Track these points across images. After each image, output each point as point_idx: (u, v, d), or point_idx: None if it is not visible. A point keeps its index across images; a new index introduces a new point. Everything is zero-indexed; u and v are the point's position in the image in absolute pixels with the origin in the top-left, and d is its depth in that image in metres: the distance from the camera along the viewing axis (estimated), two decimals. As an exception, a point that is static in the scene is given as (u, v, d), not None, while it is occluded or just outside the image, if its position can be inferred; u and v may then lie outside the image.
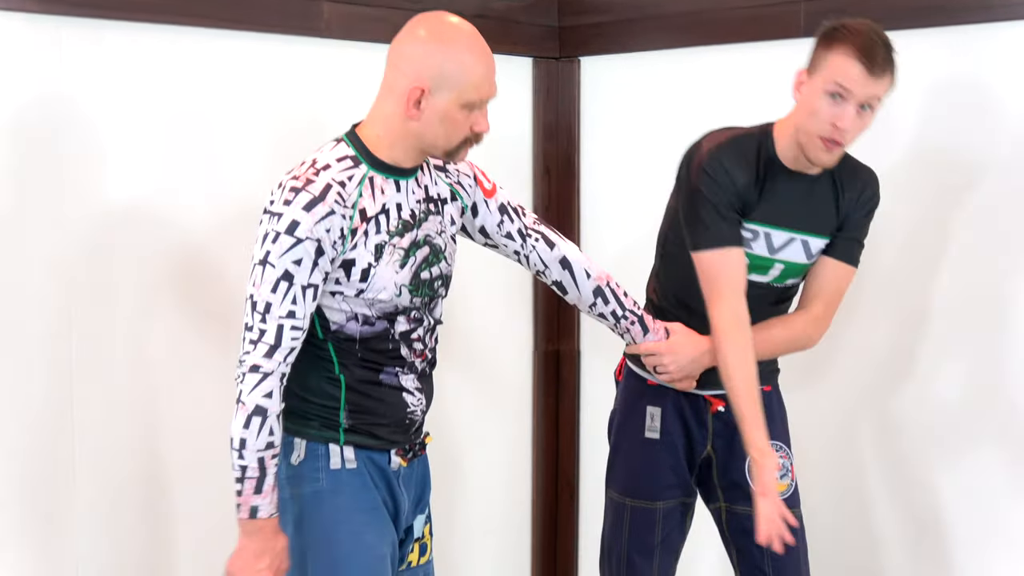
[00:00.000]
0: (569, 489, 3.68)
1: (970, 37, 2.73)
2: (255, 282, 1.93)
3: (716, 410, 2.49)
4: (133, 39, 2.64)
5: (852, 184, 2.38)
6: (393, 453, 2.12)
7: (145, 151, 2.68)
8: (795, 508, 2.47)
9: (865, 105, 2.18)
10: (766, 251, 2.38)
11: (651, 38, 3.34)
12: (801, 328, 2.42)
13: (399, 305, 2.05)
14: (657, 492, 2.53)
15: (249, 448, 1.94)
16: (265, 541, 1.98)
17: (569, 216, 3.59)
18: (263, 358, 1.92)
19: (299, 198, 1.91)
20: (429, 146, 2.01)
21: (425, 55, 1.94)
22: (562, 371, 3.66)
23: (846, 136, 2.20)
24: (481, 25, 3.15)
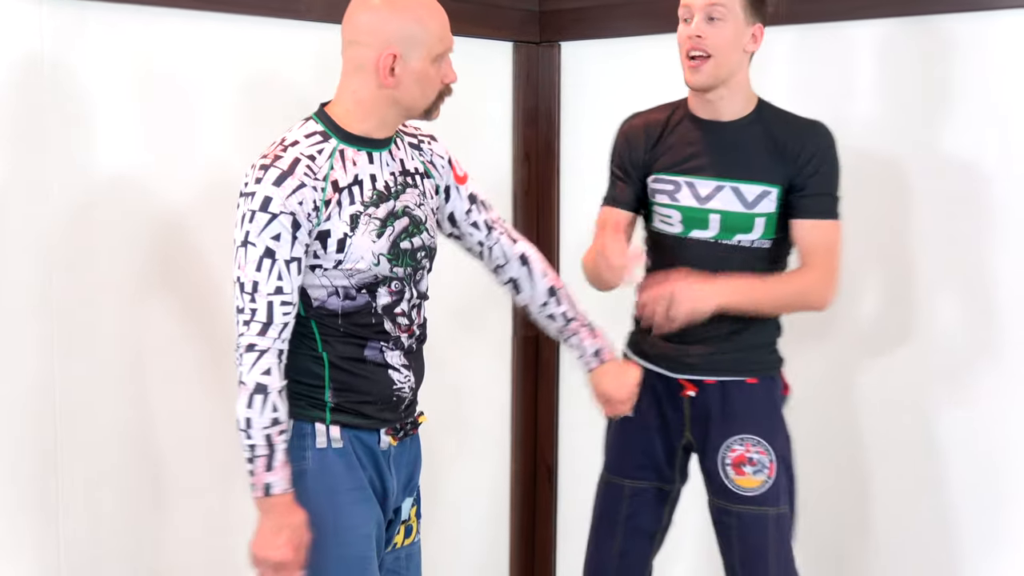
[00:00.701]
0: (548, 473, 3.69)
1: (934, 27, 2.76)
2: (239, 264, 1.96)
3: (687, 394, 2.49)
4: (113, 20, 2.62)
5: (793, 139, 2.40)
6: (383, 432, 2.13)
7: (124, 135, 2.66)
8: (768, 507, 2.44)
9: (712, 17, 2.34)
10: (694, 201, 2.43)
11: (632, 23, 3.34)
12: (804, 282, 2.40)
13: (378, 275, 2.06)
14: (626, 470, 2.57)
15: (255, 427, 1.96)
16: (282, 516, 2.00)
17: (549, 201, 3.59)
18: (257, 336, 1.95)
19: (268, 174, 1.95)
20: (408, 109, 2.06)
21: (386, 22, 1.98)
22: (541, 356, 3.67)
23: (705, 44, 2.34)
24: (462, 9, 3.15)
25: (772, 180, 2.40)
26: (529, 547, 3.71)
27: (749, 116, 2.44)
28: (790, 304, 2.43)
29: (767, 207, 2.40)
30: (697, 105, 2.47)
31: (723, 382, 2.47)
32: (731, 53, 2.37)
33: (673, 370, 2.50)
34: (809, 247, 2.40)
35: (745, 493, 2.44)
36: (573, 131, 3.55)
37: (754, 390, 2.48)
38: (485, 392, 3.61)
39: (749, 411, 2.45)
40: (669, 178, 2.46)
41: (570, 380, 3.64)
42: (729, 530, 2.46)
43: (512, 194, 3.58)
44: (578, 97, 3.53)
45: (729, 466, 2.44)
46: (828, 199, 2.41)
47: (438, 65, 2.04)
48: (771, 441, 2.45)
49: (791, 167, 2.39)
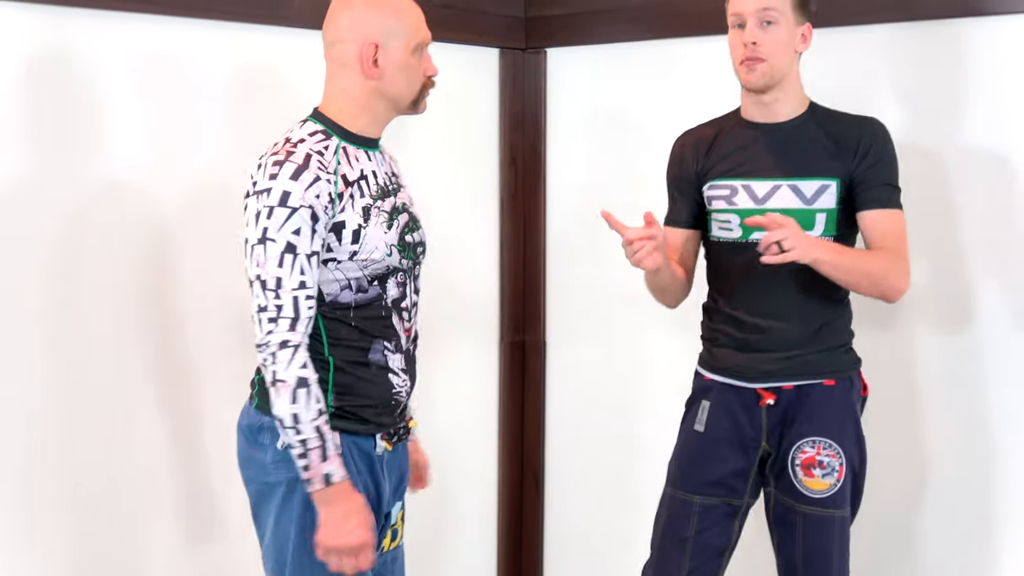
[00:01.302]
0: (534, 480, 3.69)
1: (933, 32, 2.79)
2: (259, 262, 1.96)
3: (766, 403, 2.46)
4: (100, 27, 2.62)
5: (849, 133, 2.41)
6: (379, 437, 2.14)
7: (112, 141, 2.66)
8: (834, 509, 2.42)
9: (766, 21, 2.34)
10: (752, 203, 2.43)
11: (617, 30, 3.35)
12: (888, 262, 2.36)
13: (390, 265, 2.10)
14: (696, 486, 2.52)
15: (304, 421, 1.96)
16: (346, 502, 2.01)
17: (535, 206, 3.59)
18: (288, 332, 1.96)
19: (284, 169, 1.97)
20: (396, 100, 2.11)
21: (365, 17, 2.06)
22: (528, 363, 3.66)
23: (760, 50, 2.35)
24: (448, 15, 3.16)
25: (830, 174, 2.40)
26: (516, 554, 3.70)
27: (803, 115, 2.45)
28: (873, 281, 2.36)
29: (827, 202, 2.40)
30: (751, 110, 2.47)
31: (800, 386, 2.44)
32: (784, 56, 2.38)
33: (750, 379, 2.48)
34: (881, 235, 2.39)
35: (813, 495, 2.42)
36: (559, 136, 3.56)
37: (832, 392, 2.45)
38: (472, 398, 3.60)
39: (824, 413, 2.43)
40: (725, 183, 2.47)
41: (557, 387, 3.64)
42: (793, 528, 2.44)
43: (499, 198, 3.58)
44: (564, 103, 3.54)
45: (799, 467, 2.42)
46: (891, 189, 2.41)
47: (418, 56, 2.10)
48: (842, 444, 2.43)
49: (849, 161, 2.39)
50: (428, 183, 3.35)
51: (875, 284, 2.37)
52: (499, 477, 3.68)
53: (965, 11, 2.74)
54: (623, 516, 3.45)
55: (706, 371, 2.56)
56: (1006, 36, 2.71)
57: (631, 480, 3.45)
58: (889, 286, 2.37)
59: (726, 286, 2.51)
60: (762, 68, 2.37)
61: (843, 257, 2.34)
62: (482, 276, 3.58)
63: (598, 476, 3.55)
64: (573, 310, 3.59)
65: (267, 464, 2.08)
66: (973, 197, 2.78)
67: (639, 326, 3.38)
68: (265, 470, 2.08)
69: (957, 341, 2.84)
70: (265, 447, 2.08)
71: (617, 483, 3.50)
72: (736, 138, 2.49)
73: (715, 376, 2.53)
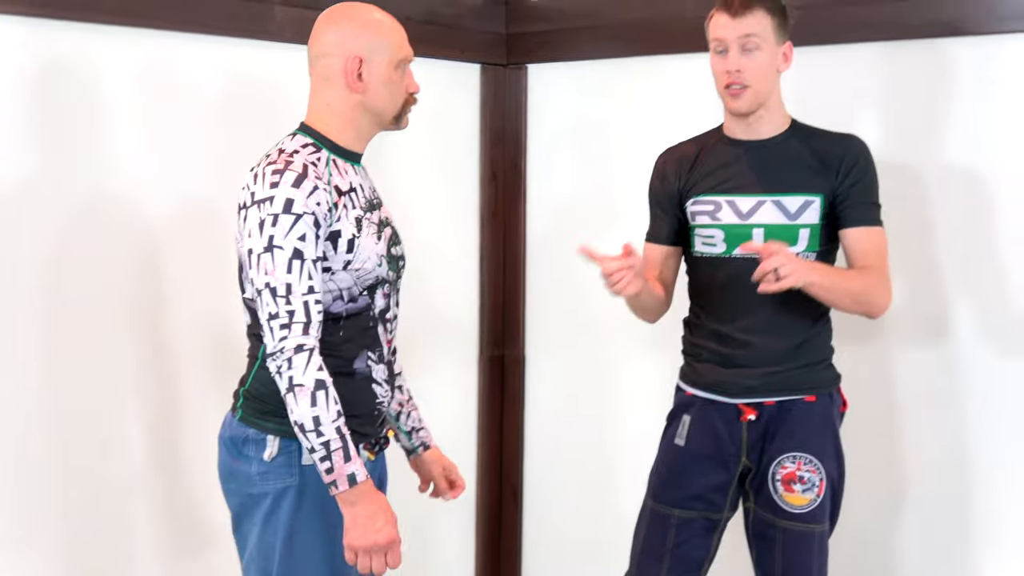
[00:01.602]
0: (513, 494, 3.69)
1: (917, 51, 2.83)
2: (267, 270, 1.96)
3: (747, 419, 2.47)
4: (86, 41, 2.62)
5: (832, 150, 2.43)
6: (361, 447, 2.15)
7: (94, 151, 2.66)
8: (814, 524, 2.43)
9: (747, 46, 2.36)
10: (736, 218, 2.44)
11: (598, 47, 3.37)
12: (872, 280, 2.39)
13: (379, 276, 2.12)
14: (676, 500, 2.53)
15: (325, 423, 1.96)
16: (372, 502, 2.01)
17: (515, 221, 3.61)
18: (302, 336, 1.96)
19: (285, 178, 1.99)
20: (379, 115, 2.14)
21: (349, 33, 2.09)
22: (507, 377, 3.67)
23: (744, 77, 2.37)
24: (430, 31, 3.17)
25: (813, 190, 2.42)
26: (495, 568, 3.70)
27: (785, 132, 2.47)
28: (858, 300, 2.39)
29: (810, 218, 2.42)
30: (734, 127, 2.49)
31: (782, 402, 2.45)
32: (767, 79, 2.40)
33: (731, 395, 2.49)
34: (863, 253, 2.41)
35: (793, 510, 2.43)
36: (539, 152, 3.57)
37: (813, 408, 2.46)
38: (451, 412, 3.60)
39: (805, 429, 2.44)
40: (709, 199, 2.48)
41: (536, 401, 3.65)
42: (772, 543, 2.45)
43: (479, 213, 3.60)
44: (544, 118, 3.56)
45: (779, 482, 2.43)
46: (873, 207, 2.43)
47: (401, 72, 2.14)
48: (822, 460, 2.44)
49: (833, 178, 2.41)
50: (409, 197, 3.36)
51: (858, 302, 2.39)
52: (478, 491, 3.68)
53: (948, 31, 2.77)
54: (601, 530, 3.46)
55: (688, 386, 2.58)
56: (987, 56, 2.74)
57: (609, 494, 3.46)
58: (872, 303, 2.40)
59: (708, 301, 2.52)
60: (747, 94, 2.39)
61: (833, 278, 2.36)
62: (462, 291, 3.59)
63: (577, 490, 3.56)
64: (552, 325, 3.60)
65: (252, 476, 2.08)
66: (953, 214, 2.81)
67: (618, 341, 3.40)
68: (250, 482, 2.08)
69: (935, 357, 2.86)
70: (250, 459, 2.08)
71: (595, 497, 3.51)
72: (719, 155, 2.50)
73: (696, 391, 2.54)
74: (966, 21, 2.73)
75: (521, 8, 3.52)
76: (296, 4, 2.90)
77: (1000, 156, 2.73)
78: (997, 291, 2.76)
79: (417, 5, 3.22)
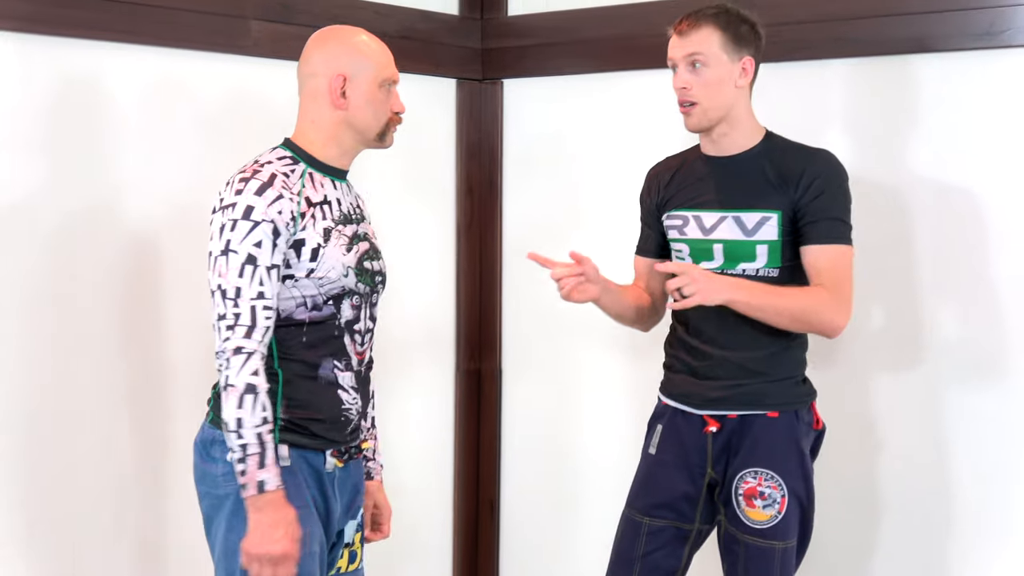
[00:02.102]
0: (490, 507, 3.70)
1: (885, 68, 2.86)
2: (220, 272, 2.03)
3: (709, 430, 2.48)
4: (67, 55, 2.64)
5: (794, 165, 2.41)
6: (328, 454, 2.17)
7: (68, 168, 2.66)
8: (775, 540, 2.43)
9: (695, 63, 2.39)
10: (700, 233, 2.47)
11: (572, 62, 3.40)
12: (814, 300, 2.35)
13: (345, 286, 2.15)
14: (645, 507, 2.54)
15: (247, 426, 2.00)
16: (276, 512, 2.03)
17: (491, 235, 3.62)
18: (243, 339, 2.01)
19: (249, 186, 2.05)
20: (362, 132, 2.19)
21: (336, 52, 2.16)
22: (483, 390, 3.68)
23: (690, 94, 2.40)
24: (405, 46, 3.18)
25: (771, 207, 2.41)
26: (471, 581, 3.71)
27: (755, 148, 2.47)
28: (798, 319, 2.37)
29: (768, 234, 2.42)
30: (705, 143, 2.52)
31: (744, 416, 2.46)
32: (718, 95, 2.40)
33: (696, 406, 2.50)
34: (817, 271, 2.38)
35: (754, 525, 2.43)
36: (515, 166, 3.59)
37: (775, 424, 2.45)
38: (427, 426, 3.61)
39: (766, 445, 2.44)
40: (679, 213, 2.51)
41: (512, 415, 3.66)
42: (736, 557, 2.47)
43: (455, 227, 3.61)
44: (519, 133, 3.58)
45: (741, 497, 2.44)
46: (834, 224, 2.39)
47: (385, 92, 2.19)
48: (784, 476, 2.43)
49: (792, 193, 2.40)
50: (386, 211, 3.37)
51: (801, 322, 2.37)
52: (455, 505, 3.68)
53: (916, 48, 2.81)
54: (578, 543, 3.47)
55: (663, 396, 2.60)
56: (955, 72, 2.78)
57: (586, 508, 3.47)
58: (820, 322, 2.37)
59: (682, 314, 2.54)
60: (695, 111, 2.40)
61: (762, 297, 2.34)
62: (438, 304, 3.60)
63: (553, 504, 3.57)
64: (529, 338, 3.61)
65: (217, 477, 2.11)
66: (923, 229, 2.84)
67: (594, 354, 3.41)
68: (216, 483, 2.12)
69: (908, 374, 2.88)
70: (216, 460, 2.12)
71: (572, 511, 3.52)
72: (695, 170, 2.53)
73: (669, 401, 2.57)
74: (935, 39, 2.77)
75: (497, 24, 3.55)
76: (273, 19, 2.91)
77: (968, 170, 2.77)
78: (971, 303, 2.79)
79: (393, 21, 3.24)
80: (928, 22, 2.78)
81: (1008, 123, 2.71)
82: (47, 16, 2.59)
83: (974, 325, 2.79)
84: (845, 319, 2.37)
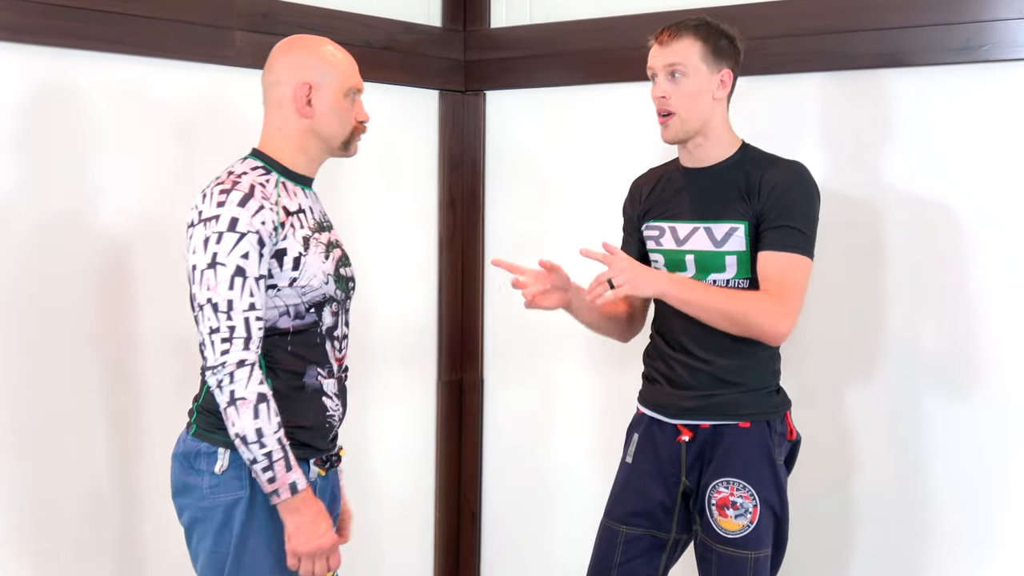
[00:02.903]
0: (471, 517, 3.70)
1: (860, 81, 2.89)
2: (209, 285, 2.02)
3: (682, 439, 2.49)
4: (45, 63, 2.63)
5: (762, 178, 2.42)
6: (312, 463, 2.19)
7: (57, 171, 2.66)
8: (747, 550, 2.44)
9: (674, 73, 2.41)
10: (674, 244, 2.49)
11: (554, 74, 3.42)
12: (754, 304, 2.34)
13: (326, 294, 2.17)
14: (622, 516, 2.56)
15: (267, 434, 2.02)
16: (312, 507, 2.08)
17: (473, 245, 3.64)
18: (243, 351, 2.02)
19: (231, 197, 2.05)
20: (328, 140, 2.20)
21: (301, 61, 2.18)
22: (465, 401, 3.69)
23: (669, 104, 2.42)
24: (389, 57, 3.19)
25: (739, 217, 2.43)
26: (453, 591, 3.72)
27: (730, 159, 2.48)
28: (735, 321, 2.34)
29: (736, 245, 2.44)
30: (682, 154, 2.54)
31: (716, 426, 2.47)
32: (696, 106, 2.42)
33: (670, 415, 2.52)
34: (764, 277, 2.38)
35: (726, 535, 2.44)
36: (497, 177, 3.61)
37: (746, 434, 2.47)
38: (410, 436, 3.62)
39: (739, 455, 2.46)
40: (657, 224, 2.54)
41: (494, 425, 3.67)
42: (710, 566, 2.48)
43: (438, 238, 3.62)
44: (502, 144, 3.60)
45: (714, 507, 2.45)
46: (790, 232, 2.38)
47: (351, 100, 2.20)
48: (757, 486, 2.44)
49: (755, 201, 2.42)
50: (369, 222, 3.39)
51: (738, 324, 2.35)
52: (436, 514, 3.69)
53: (890, 62, 2.84)
54: (559, 553, 3.48)
55: (640, 405, 2.61)
56: (928, 86, 2.81)
57: (567, 517, 3.48)
58: (758, 327, 2.34)
59: (659, 323, 2.57)
60: (673, 121, 2.42)
61: (695, 293, 2.34)
62: (420, 315, 3.61)
63: (535, 513, 3.58)
64: (510, 349, 3.63)
65: (203, 489, 2.11)
66: (896, 240, 2.87)
67: (575, 365, 3.43)
68: (201, 495, 2.12)
69: (879, 383, 2.90)
70: (202, 473, 2.12)
71: (553, 520, 3.53)
72: (673, 181, 2.55)
73: (645, 410, 2.58)
74: (906, 54, 2.80)
75: (479, 36, 3.57)
76: (257, 30, 2.93)
77: (946, 183, 2.80)
78: (944, 314, 2.82)
79: (377, 32, 3.26)
80: (899, 38, 2.82)
81: (985, 136, 2.74)
82: (31, 26, 2.58)
83: (948, 335, 2.81)
84: (787, 327, 2.34)
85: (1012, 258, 2.71)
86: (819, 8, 2.91)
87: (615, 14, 3.25)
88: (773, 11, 2.97)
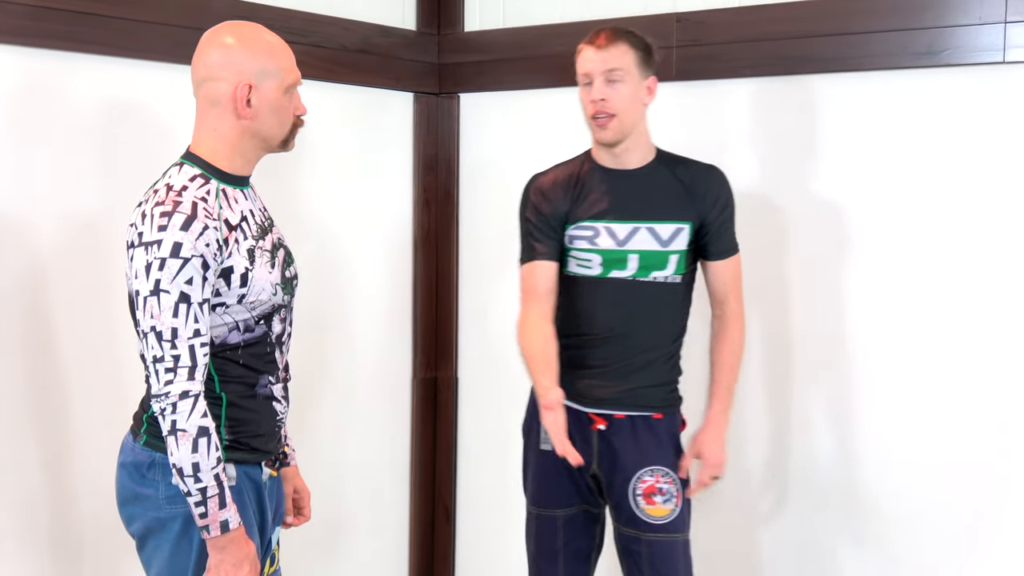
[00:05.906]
0: (446, 513, 3.73)
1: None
2: (152, 313, 1.94)
3: (597, 428, 2.56)
4: (25, 65, 2.62)
5: (699, 181, 2.56)
6: (264, 464, 2.18)
7: (28, 177, 2.65)
8: (676, 534, 2.54)
9: (612, 78, 2.47)
10: (613, 243, 2.54)
11: (526, 77, 3.46)
12: (739, 335, 2.61)
13: (275, 304, 2.12)
14: (556, 500, 2.63)
15: (204, 469, 1.95)
16: (240, 549, 2.02)
17: (448, 245, 3.67)
18: (187, 382, 1.95)
19: (173, 220, 1.94)
20: (267, 139, 2.10)
21: (239, 57, 2.04)
22: (440, 397, 3.72)
23: (608, 106, 2.47)
24: (364, 60, 3.15)
25: (684, 218, 2.53)
26: (427, 586, 3.75)
27: (652, 163, 2.57)
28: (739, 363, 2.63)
29: (680, 244, 2.53)
30: (603, 157, 2.58)
31: (632, 416, 2.56)
32: (632, 110, 2.49)
33: (584, 404, 2.58)
34: (724, 283, 2.59)
35: (656, 521, 2.52)
36: (471, 178, 3.65)
37: (660, 424, 2.58)
38: (384, 433, 3.63)
39: (658, 444, 2.55)
40: (589, 224, 2.56)
41: (468, 422, 3.70)
42: (639, 558, 2.54)
43: (412, 238, 3.65)
44: (476, 146, 3.63)
45: (640, 496, 2.52)
46: (730, 237, 2.59)
47: (290, 96, 2.10)
48: (674, 471, 2.56)
49: (702, 207, 2.54)
50: (343, 223, 3.42)
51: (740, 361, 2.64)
52: (411, 511, 3.71)
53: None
54: (532, 548, 3.51)
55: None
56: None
57: (540, 513, 3.50)
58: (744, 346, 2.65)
59: (576, 317, 2.60)
60: (612, 124, 2.49)
61: (731, 393, 2.60)
62: (395, 314, 3.64)
63: (509, 510, 3.58)
64: (484, 347, 3.65)
65: (159, 500, 2.06)
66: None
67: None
68: (157, 505, 2.06)
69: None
70: (156, 483, 2.06)
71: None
72: (595, 182, 2.59)
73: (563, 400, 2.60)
74: (871, 58, 2.86)
75: (454, 39, 3.60)
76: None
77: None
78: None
79: (352, 35, 3.27)
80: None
81: (948, 138, 2.79)
82: (9, 27, 2.56)
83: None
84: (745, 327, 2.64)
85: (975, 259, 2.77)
86: (785, 14, 2.97)
87: (586, 19, 3.30)
88: (741, 16, 3.03)
